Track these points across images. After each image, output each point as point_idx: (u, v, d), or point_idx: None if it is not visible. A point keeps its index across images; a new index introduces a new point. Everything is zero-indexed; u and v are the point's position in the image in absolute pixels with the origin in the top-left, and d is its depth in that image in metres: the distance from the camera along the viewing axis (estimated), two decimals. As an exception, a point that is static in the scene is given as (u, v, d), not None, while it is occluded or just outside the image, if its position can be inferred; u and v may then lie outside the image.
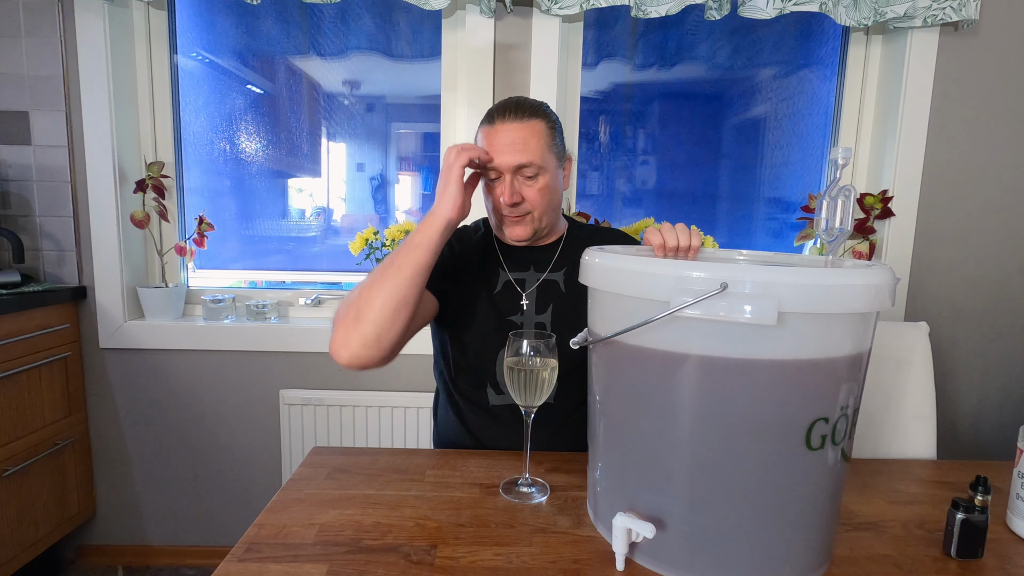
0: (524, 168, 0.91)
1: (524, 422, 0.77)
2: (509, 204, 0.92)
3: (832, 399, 0.55)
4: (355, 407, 1.58)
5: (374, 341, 0.82)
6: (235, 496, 1.68)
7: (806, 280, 0.51)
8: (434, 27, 1.61)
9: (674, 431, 0.58)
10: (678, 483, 0.58)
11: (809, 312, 0.52)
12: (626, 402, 0.62)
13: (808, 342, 0.54)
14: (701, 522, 0.58)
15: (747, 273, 0.52)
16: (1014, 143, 1.55)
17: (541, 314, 0.99)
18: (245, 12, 1.61)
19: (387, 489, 0.77)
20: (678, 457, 0.58)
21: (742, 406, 0.55)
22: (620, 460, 0.64)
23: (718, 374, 0.55)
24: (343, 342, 0.83)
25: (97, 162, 1.52)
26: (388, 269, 0.83)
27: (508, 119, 0.91)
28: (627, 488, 0.63)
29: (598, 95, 1.68)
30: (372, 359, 0.84)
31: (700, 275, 0.53)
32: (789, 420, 0.55)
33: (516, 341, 0.74)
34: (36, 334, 1.42)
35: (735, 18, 1.45)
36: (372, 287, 0.83)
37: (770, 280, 0.51)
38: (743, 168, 1.71)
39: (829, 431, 0.56)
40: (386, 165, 1.72)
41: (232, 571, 0.59)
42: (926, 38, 1.48)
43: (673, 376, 0.57)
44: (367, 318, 0.82)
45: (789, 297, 0.51)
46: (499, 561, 0.62)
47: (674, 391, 0.57)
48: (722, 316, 0.51)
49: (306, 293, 1.71)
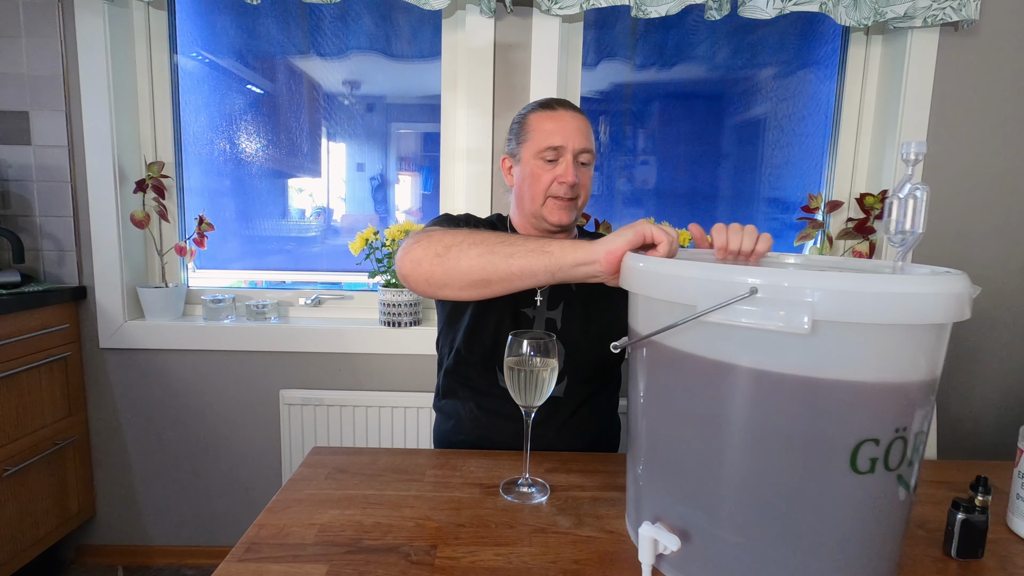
0: (584, 153, 0.98)
1: (524, 422, 0.77)
2: (571, 184, 0.96)
3: (880, 418, 0.49)
4: (355, 407, 1.58)
5: (437, 286, 0.80)
6: (235, 496, 1.68)
7: (844, 286, 0.46)
8: (434, 27, 1.61)
9: (703, 441, 0.54)
10: (706, 495, 0.55)
11: (848, 322, 0.46)
12: (658, 409, 0.60)
13: (853, 355, 0.48)
14: (729, 539, 0.54)
15: (781, 278, 0.47)
16: (1014, 143, 1.55)
17: (552, 311, 1.01)
18: (245, 12, 1.61)
19: (387, 489, 0.77)
20: (706, 467, 0.55)
21: (778, 419, 0.50)
22: (651, 468, 0.62)
23: (749, 384, 0.51)
24: (419, 259, 0.80)
25: (97, 162, 1.52)
26: (502, 248, 0.75)
27: (569, 109, 1.00)
28: (657, 497, 0.60)
29: (598, 95, 1.68)
30: (421, 290, 0.82)
31: (727, 279, 0.49)
32: (829, 438, 0.49)
33: (516, 341, 0.74)
34: (36, 334, 1.42)
35: (735, 18, 1.45)
36: (474, 249, 0.77)
37: (805, 285, 0.46)
38: (743, 168, 1.71)
39: (880, 454, 0.49)
40: (386, 165, 1.72)
41: (232, 571, 0.59)
42: (926, 38, 1.48)
43: (701, 383, 0.54)
44: (447, 267, 0.78)
45: (825, 305, 0.46)
46: (499, 561, 0.62)
47: (701, 399, 0.54)
48: (746, 323, 0.48)
49: (306, 293, 1.71)
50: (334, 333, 1.59)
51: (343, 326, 1.60)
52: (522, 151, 1.01)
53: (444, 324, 1.07)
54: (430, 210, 1.73)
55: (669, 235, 0.66)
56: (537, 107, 1.01)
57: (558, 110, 0.99)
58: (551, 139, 0.96)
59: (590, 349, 1.01)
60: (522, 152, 1.01)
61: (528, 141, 0.99)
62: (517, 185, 1.03)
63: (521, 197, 1.02)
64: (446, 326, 1.06)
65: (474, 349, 1.00)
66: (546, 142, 0.97)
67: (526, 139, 1.00)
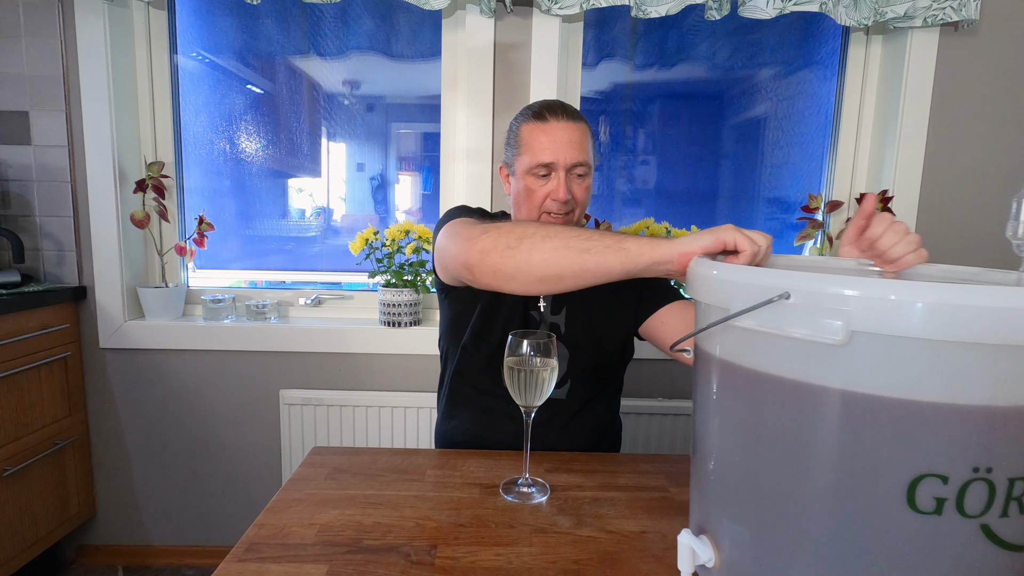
0: (578, 167, 0.94)
1: (524, 422, 0.77)
2: (563, 201, 0.93)
3: (944, 449, 0.41)
4: (355, 407, 1.58)
5: (504, 278, 0.76)
6: (235, 496, 1.68)
7: (880, 294, 0.41)
8: (434, 27, 1.61)
9: (745, 453, 0.51)
10: (746, 511, 0.51)
11: (888, 335, 0.41)
12: (707, 418, 0.57)
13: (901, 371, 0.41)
14: (769, 561, 0.49)
15: (819, 284, 0.43)
16: (1014, 143, 1.55)
17: (556, 315, 1.01)
18: (245, 12, 1.61)
19: (387, 489, 0.77)
20: (747, 482, 0.51)
21: (822, 437, 0.45)
22: (700, 477, 0.58)
23: (787, 396, 0.47)
24: (488, 250, 0.76)
25: (97, 162, 1.52)
26: (578, 242, 0.72)
27: (561, 118, 0.94)
28: (707, 506, 0.57)
29: (598, 95, 1.68)
30: (486, 282, 0.78)
31: (763, 282, 0.46)
32: (878, 466, 0.43)
33: (516, 341, 0.74)
34: (36, 334, 1.42)
35: (735, 18, 1.45)
36: (548, 242, 0.73)
37: (844, 294, 0.42)
38: (743, 168, 1.71)
39: (951, 495, 0.41)
40: (386, 165, 1.72)
41: (232, 571, 0.59)
42: (926, 38, 1.48)
43: (741, 391, 0.51)
44: (518, 260, 0.74)
45: (860, 315, 0.41)
46: (499, 561, 0.62)
47: (741, 408, 0.51)
48: (774, 330, 0.45)
49: (306, 293, 1.71)
50: (334, 333, 1.59)
51: (343, 326, 1.60)
52: (516, 164, 0.98)
53: (450, 322, 1.05)
54: (430, 210, 1.73)
55: (755, 243, 0.62)
56: (530, 117, 0.96)
57: (550, 121, 0.94)
58: (541, 156, 0.93)
59: (593, 353, 1.01)
60: (516, 165, 0.98)
61: (520, 155, 0.96)
62: (513, 197, 1.01)
63: (518, 208, 1.01)
64: (452, 324, 1.04)
65: (481, 348, 0.99)
66: (536, 159, 0.93)
67: (519, 152, 0.97)
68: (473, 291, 0.98)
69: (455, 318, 1.03)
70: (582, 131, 0.95)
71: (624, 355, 1.06)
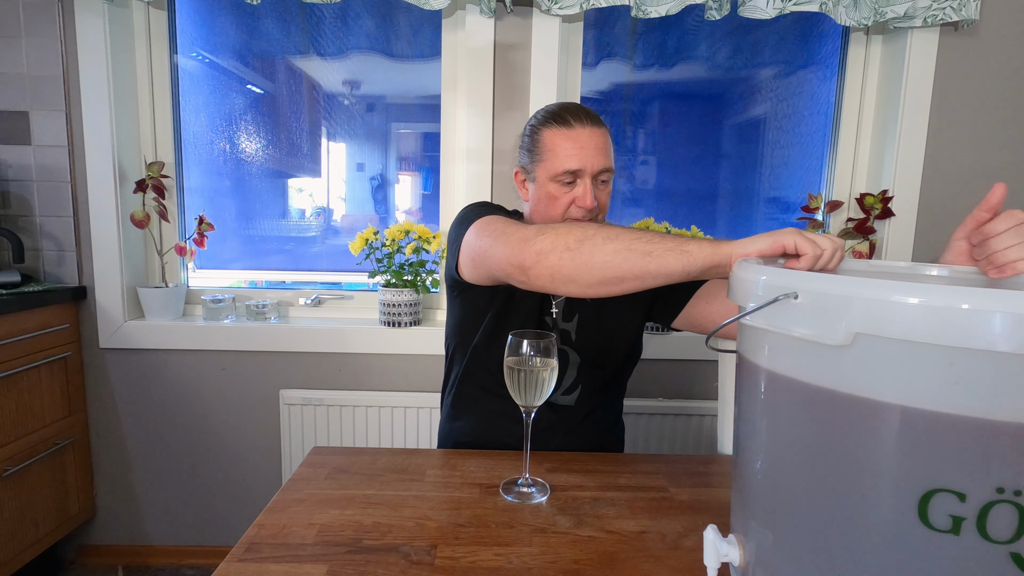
0: (604, 173, 0.93)
1: (524, 422, 0.77)
2: (590, 208, 0.92)
3: (960, 465, 0.39)
4: (355, 407, 1.58)
5: (562, 280, 0.74)
6: (235, 496, 1.68)
7: (887, 296, 0.39)
8: (434, 27, 1.61)
9: (766, 456, 0.50)
10: (767, 514, 0.51)
11: (892, 337, 0.39)
12: (742, 422, 0.56)
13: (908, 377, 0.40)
14: (786, 569, 0.49)
15: (828, 285, 0.43)
16: (1014, 143, 1.55)
17: (567, 322, 1.00)
18: (245, 12, 1.61)
19: (387, 489, 0.77)
20: (767, 484, 0.50)
21: (836, 444, 0.44)
22: (737, 477, 0.58)
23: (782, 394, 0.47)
24: (546, 251, 0.74)
25: (97, 162, 1.52)
26: (640, 245, 0.70)
27: (586, 123, 0.92)
28: (742, 508, 0.57)
29: (598, 95, 1.68)
30: (542, 284, 0.76)
31: (772, 281, 0.46)
32: (890, 476, 0.42)
33: (516, 341, 0.74)
34: (36, 334, 1.42)
35: (735, 18, 1.45)
36: (610, 244, 0.71)
37: (849, 294, 0.41)
38: (743, 168, 1.71)
39: (970, 514, 0.39)
40: (386, 165, 1.72)
41: (232, 571, 0.59)
42: (926, 38, 1.48)
43: (762, 392, 0.50)
44: (578, 263, 0.72)
45: (862, 316, 0.40)
46: (499, 561, 0.62)
47: (758, 412, 0.51)
48: (776, 328, 0.45)
49: (306, 293, 1.71)
50: (334, 333, 1.59)
51: (343, 326, 1.60)
52: (537, 170, 0.94)
53: (459, 322, 1.02)
54: (430, 210, 1.73)
55: (817, 246, 0.59)
56: (552, 121, 0.93)
57: (575, 127, 0.91)
58: (568, 163, 0.90)
59: (604, 361, 1.00)
60: (537, 171, 0.94)
61: (544, 161, 0.93)
62: (532, 203, 0.98)
63: (537, 212, 0.97)
64: (461, 324, 1.02)
65: (493, 351, 0.98)
66: (563, 166, 0.90)
67: (541, 158, 0.93)
68: (490, 293, 0.96)
69: (465, 319, 1.01)
70: (606, 136, 0.94)
71: (632, 358, 1.06)
